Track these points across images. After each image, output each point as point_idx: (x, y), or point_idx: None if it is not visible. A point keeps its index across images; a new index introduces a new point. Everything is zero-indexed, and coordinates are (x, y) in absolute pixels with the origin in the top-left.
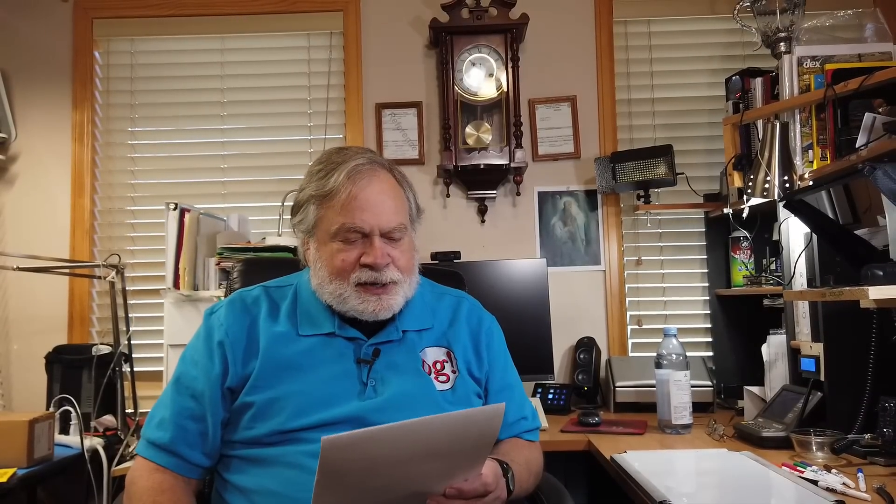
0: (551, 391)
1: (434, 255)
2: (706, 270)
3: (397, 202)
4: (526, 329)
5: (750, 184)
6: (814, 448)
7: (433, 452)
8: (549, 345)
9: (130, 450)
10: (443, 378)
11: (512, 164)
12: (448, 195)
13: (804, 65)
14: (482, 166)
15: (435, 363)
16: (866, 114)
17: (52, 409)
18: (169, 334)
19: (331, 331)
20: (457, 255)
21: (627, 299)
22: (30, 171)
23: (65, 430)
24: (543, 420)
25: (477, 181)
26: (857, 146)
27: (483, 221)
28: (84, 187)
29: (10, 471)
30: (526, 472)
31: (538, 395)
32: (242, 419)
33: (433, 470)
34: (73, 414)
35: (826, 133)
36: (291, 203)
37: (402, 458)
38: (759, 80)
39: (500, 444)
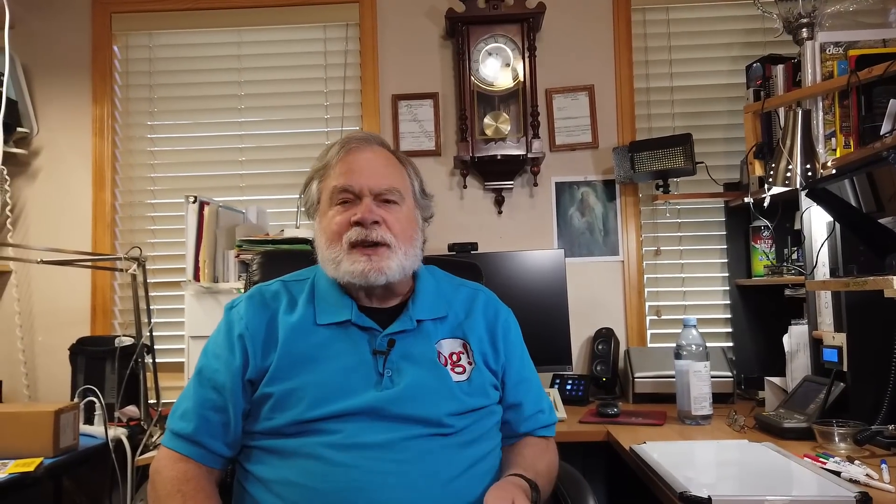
0: (569, 382)
1: (451, 247)
2: (726, 260)
3: (390, 169)
4: (544, 320)
5: (771, 172)
6: (836, 439)
7: None
8: (567, 336)
9: (154, 440)
10: (459, 370)
11: (529, 155)
12: (465, 186)
13: (827, 51)
14: (499, 157)
15: (451, 355)
16: (891, 101)
17: (76, 400)
18: (190, 326)
19: (347, 318)
20: (474, 246)
21: (646, 290)
22: (51, 166)
23: (89, 421)
24: (562, 411)
25: (494, 172)
26: (881, 133)
27: (500, 212)
28: (105, 181)
29: (37, 460)
30: (548, 483)
31: (556, 386)
32: (262, 410)
33: None
34: (98, 404)
35: (849, 120)
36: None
37: None
38: (780, 67)
39: (523, 448)
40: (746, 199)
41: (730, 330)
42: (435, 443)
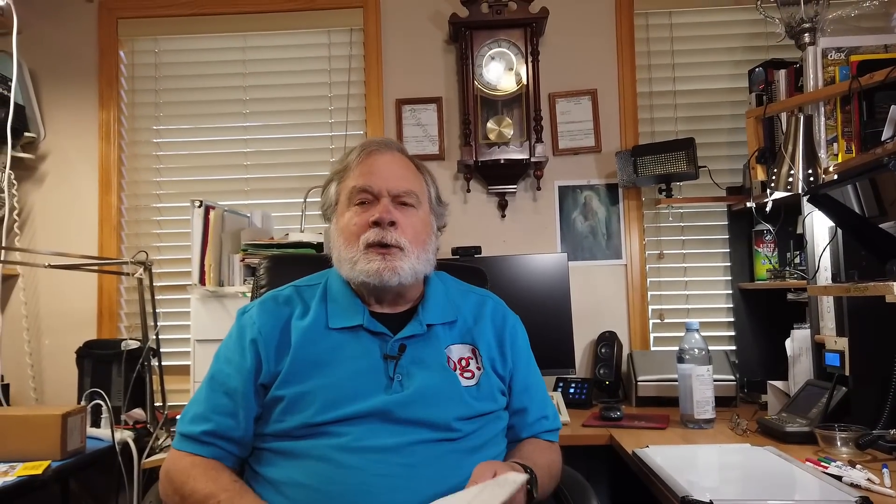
0: (573, 385)
1: (455, 251)
2: (729, 264)
3: (408, 173)
4: (547, 323)
5: (773, 177)
6: (838, 443)
7: None
8: (570, 339)
9: (160, 443)
10: (468, 374)
11: (532, 159)
12: (468, 190)
13: (829, 56)
14: (502, 161)
15: (460, 360)
16: (892, 106)
17: (83, 403)
18: (196, 329)
19: (359, 323)
20: (477, 250)
21: (649, 293)
22: (58, 170)
23: (96, 424)
24: (565, 414)
25: (497, 176)
26: (882, 139)
27: (503, 216)
28: (111, 185)
29: (45, 463)
30: (548, 477)
31: (559, 390)
32: (273, 412)
33: None
34: (104, 407)
35: (851, 126)
36: (314, 199)
37: None
38: (782, 72)
39: (523, 445)
40: (749, 204)
41: (732, 333)
42: (442, 447)
